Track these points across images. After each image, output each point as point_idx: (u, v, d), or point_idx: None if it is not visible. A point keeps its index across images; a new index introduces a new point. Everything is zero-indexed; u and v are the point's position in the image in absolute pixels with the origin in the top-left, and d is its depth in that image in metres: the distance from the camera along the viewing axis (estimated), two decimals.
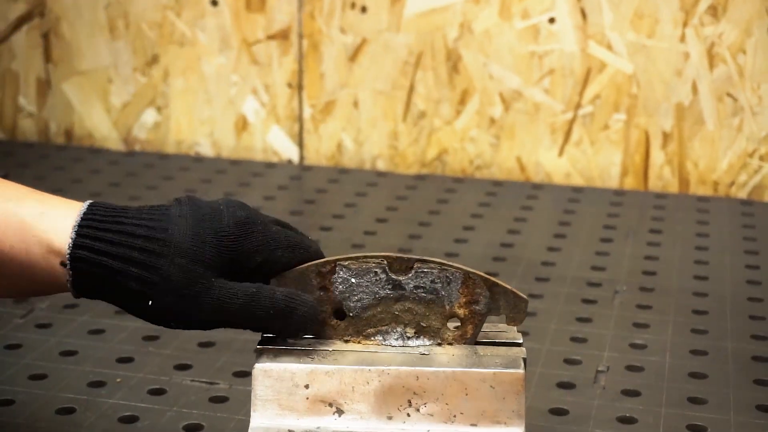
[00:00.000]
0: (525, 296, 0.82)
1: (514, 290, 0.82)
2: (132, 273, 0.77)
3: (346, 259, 0.81)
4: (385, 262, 0.81)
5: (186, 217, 0.79)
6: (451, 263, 0.81)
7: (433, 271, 0.81)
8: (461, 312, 0.81)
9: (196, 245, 0.77)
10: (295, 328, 0.80)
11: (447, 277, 0.81)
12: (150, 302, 0.77)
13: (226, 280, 0.78)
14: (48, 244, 0.77)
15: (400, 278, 0.81)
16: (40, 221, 0.78)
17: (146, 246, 0.77)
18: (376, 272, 0.81)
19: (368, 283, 0.81)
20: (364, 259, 0.81)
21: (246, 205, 0.82)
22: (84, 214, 0.78)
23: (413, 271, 0.81)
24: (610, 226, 1.38)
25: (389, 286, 0.81)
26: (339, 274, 0.81)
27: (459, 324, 0.82)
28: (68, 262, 0.77)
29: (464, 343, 0.81)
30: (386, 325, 0.81)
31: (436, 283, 0.81)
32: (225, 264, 0.78)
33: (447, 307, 0.81)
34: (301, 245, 0.81)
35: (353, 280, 0.81)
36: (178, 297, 0.77)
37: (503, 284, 0.81)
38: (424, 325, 0.81)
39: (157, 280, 0.77)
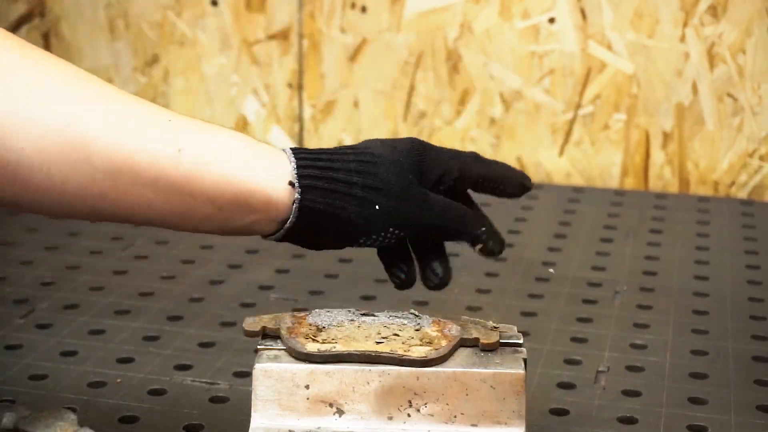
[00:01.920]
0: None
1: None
2: (356, 181, 0.80)
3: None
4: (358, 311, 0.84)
5: (386, 145, 0.83)
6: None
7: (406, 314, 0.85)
8: (433, 331, 0.82)
9: (400, 159, 0.82)
10: (492, 248, 0.85)
11: (417, 317, 0.84)
12: (377, 207, 0.80)
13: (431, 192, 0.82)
14: (271, 163, 0.79)
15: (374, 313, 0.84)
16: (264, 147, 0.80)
17: (360, 158, 0.81)
18: (349, 311, 0.85)
19: (342, 316, 0.84)
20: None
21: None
22: (292, 148, 0.81)
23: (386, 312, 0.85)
24: (611, 226, 1.38)
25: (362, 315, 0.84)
26: (312, 314, 0.83)
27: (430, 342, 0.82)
28: (297, 180, 0.78)
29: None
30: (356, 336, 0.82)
31: (408, 317, 0.84)
32: (419, 177, 0.82)
33: (419, 327, 0.82)
34: (463, 157, 0.86)
35: (326, 315, 0.84)
36: (402, 201, 0.80)
37: (475, 321, 0.84)
38: (396, 334, 0.82)
39: (380, 185, 0.80)
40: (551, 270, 0.84)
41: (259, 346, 0.81)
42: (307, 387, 0.79)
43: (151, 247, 1.29)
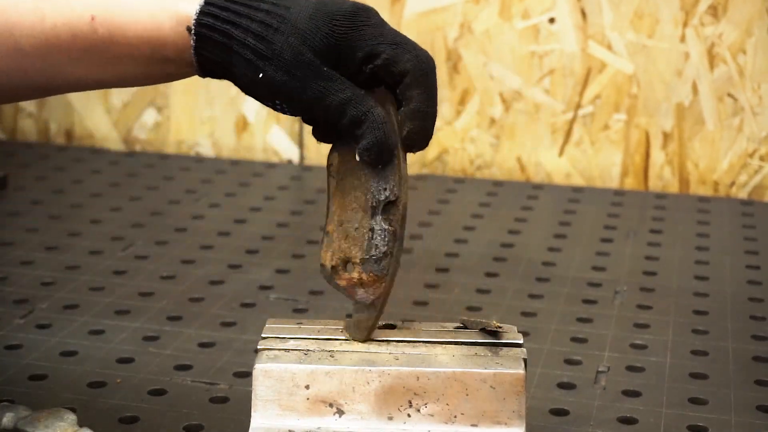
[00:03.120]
0: None
1: None
2: (249, 43, 0.79)
3: None
4: None
5: (299, 16, 0.80)
6: None
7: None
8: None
9: (311, 29, 0.80)
10: (364, 146, 0.80)
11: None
12: (260, 75, 0.80)
13: (333, 71, 0.80)
14: (176, 12, 0.80)
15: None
16: None
17: (266, 20, 0.79)
18: None
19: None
20: None
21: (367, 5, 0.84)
22: None
23: None
24: (611, 227, 1.38)
25: None
26: None
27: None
28: (194, 27, 0.80)
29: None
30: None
31: None
32: (332, 51, 0.80)
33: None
34: (412, 49, 0.82)
35: None
36: (287, 75, 0.79)
37: None
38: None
39: (270, 55, 0.79)
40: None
41: (259, 346, 0.81)
42: (307, 387, 0.79)
43: (151, 247, 1.29)
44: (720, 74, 1.47)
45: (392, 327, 0.84)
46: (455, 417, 0.79)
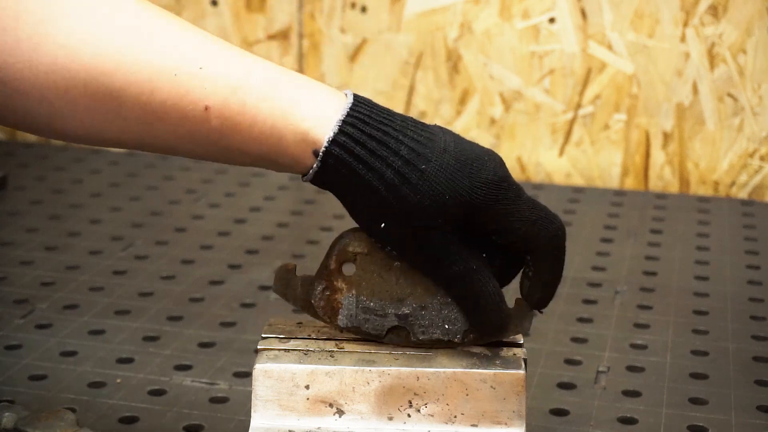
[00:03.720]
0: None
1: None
2: (380, 191, 0.74)
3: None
4: None
5: (450, 153, 0.76)
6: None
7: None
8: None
9: (449, 193, 0.75)
10: (476, 320, 0.79)
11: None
12: (383, 225, 0.75)
13: (457, 241, 0.76)
14: (305, 132, 0.75)
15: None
16: (298, 107, 0.75)
17: (404, 171, 0.74)
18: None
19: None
20: None
21: (504, 162, 0.79)
22: (350, 109, 0.76)
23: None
24: (611, 227, 1.38)
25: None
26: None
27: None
28: (321, 155, 0.74)
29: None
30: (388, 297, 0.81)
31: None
32: (463, 215, 0.76)
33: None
34: (546, 218, 0.79)
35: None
36: (406, 232, 0.75)
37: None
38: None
39: (399, 212, 0.75)
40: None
41: (259, 346, 0.81)
42: (307, 387, 0.79)
43: (151, 247, 1.29)
44: (720, 74, 1.47)
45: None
46: (455, 417, 0.79)
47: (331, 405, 0.79)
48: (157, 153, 0.79)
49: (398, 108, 1.56)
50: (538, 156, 1.54)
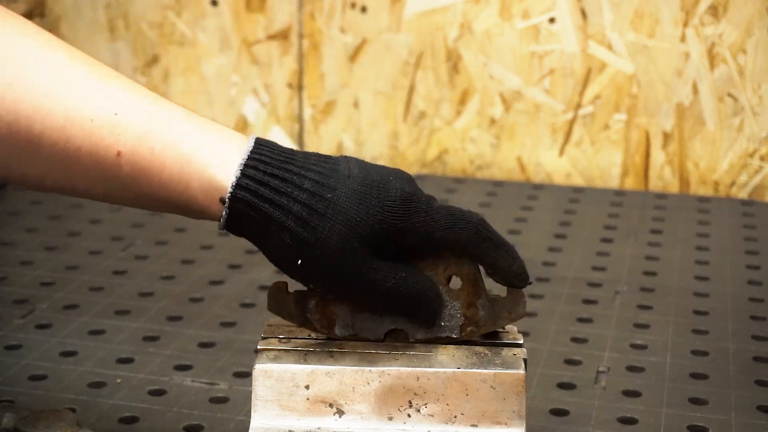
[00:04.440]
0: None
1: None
2: (290, 227, 0.75)
3: None
4: None
5: (354, 179, 0.76)
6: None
7: None
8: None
9: (360, 215, 0.75)
10: (423, 318, 0.79)
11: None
12: (299, 261, 0.75)
13: (378, 260, 0.76)
14: (210, 179, 0.75)
15: None
16: (202, 153, 0.76)
17: (310, 203, 0.75)
18: None
19: None
20: None
21: (413, 178, 0.79)
22: (251, 152, 0.75)
23: None
24: (611, 227, 1.38)
25: None
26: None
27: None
28: (227, 200, 0.75)
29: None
30: None
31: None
32: (383, 240, 0.76)
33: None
34: (462, 219, 0.78)
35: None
36: (328, 267, 0.75)
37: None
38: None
39: (313, 242, 0.75)
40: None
41: (259, 346, 0.81)
42: (307, 387, 0.79)
43: (151, 247, 1.29)
44: (720, 74, 1.47)
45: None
46: (455, 417, 0.79)
47: (331, 405, 0.79)
48: (77, 197, 0.81)
49: (399, 108, 1.57)
50: (538, 156, 1.54)
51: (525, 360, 0.81)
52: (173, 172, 0.76)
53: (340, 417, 0.79)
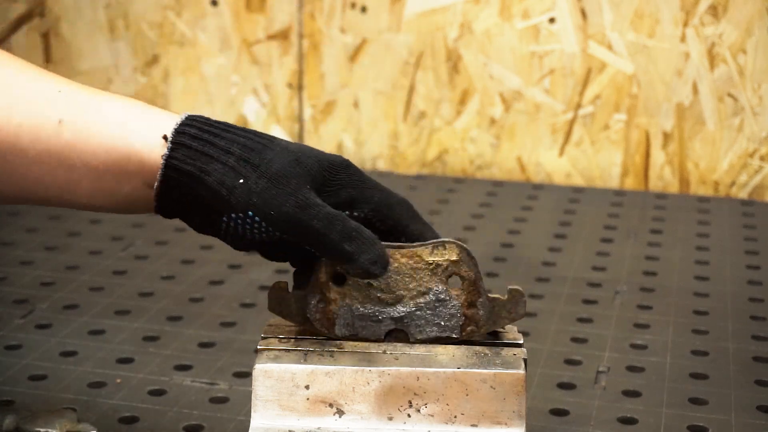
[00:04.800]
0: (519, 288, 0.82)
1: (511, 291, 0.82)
2: (234, 151, 0.77)
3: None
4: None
5: (290, 143, 0.79)
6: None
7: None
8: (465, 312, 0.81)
9: (300, 152, 0.78)
10: (365, 259, 0.78)
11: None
12: (241, 180, 0.76)
13: (316, 196, 0.77)
14: (153, 120, 0.78)
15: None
16: (144, 111, 0.79)
17: (253, 138, 0.77)
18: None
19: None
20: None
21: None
22: (187, 116, 0.78)
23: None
24: (611, 227, 1.38)
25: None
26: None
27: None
28: (172, 135, 0.77)
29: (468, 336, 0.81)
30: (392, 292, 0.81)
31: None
32: (323, 181, 0.78)
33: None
34: (391, 194, 0.81)
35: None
36: (273, 183, 0.76)
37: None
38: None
39: (257, 162, 0.76)
40: None
41: (259, 346, 0.81)
42: (307, 387, 0.79)
43: (151, 247, 1.29)
44: (720, 74, 1.47)
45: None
46: (455, 417, 0.79)
47: (331, 405, 0.79)
48: (6, 199, 0.81)
49: (399, 108, 1.57)
50: (538, 156, 1.54)
51: (525, 360, 0.81)
52: (115, 127, 0.78)
53: (340, 417, 0.79)
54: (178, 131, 0.77)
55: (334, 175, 0.79)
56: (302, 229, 0.77)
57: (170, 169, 0.77)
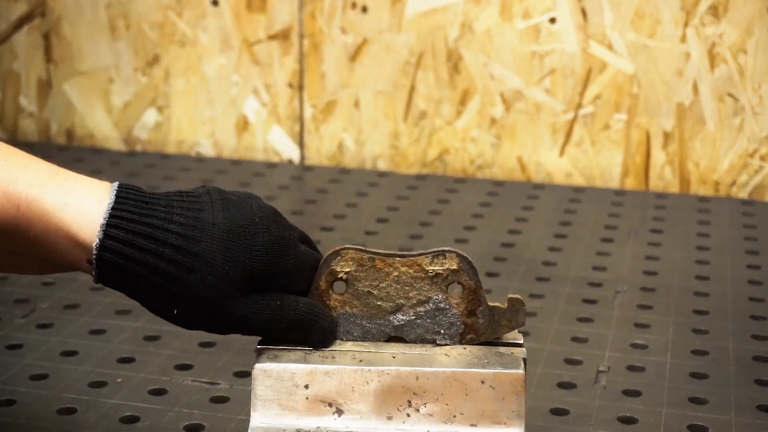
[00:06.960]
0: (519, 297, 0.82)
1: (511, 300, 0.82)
2: (159, 283, 0.75)
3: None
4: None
5: (219, 227, 0.77)
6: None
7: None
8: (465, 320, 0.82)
9: (228, 264, 0.76)
10: (315, 340, 0.80)
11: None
12: (175, 311, 0.77)
13: (253, 295, 0.78)
14: (74, 239, 0.75)
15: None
16: (65, 213, 0.75)
17: (176, 258, 0.75)
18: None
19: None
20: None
21: (278, 216, 0.80)
22: (112, 209, 0.76)
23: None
24: (611, 226, 1.38)
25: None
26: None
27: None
28: (94, 263, 0.75)
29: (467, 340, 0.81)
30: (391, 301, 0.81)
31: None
32: (253, 282, 0.78)
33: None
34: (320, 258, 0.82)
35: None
36: (204, 313, 0.77)
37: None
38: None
39: (184, 295, 0.76)
40: None
41: (259, 346, 0.81)
42: (306, 387, 0.79)
43: None
44: (720, 74, 1.47)
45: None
46: (454, 417, 0.79)
47: (330, 405, 0.79)
48: None
49: (399, 108, 1.57)
50: (539, 156, 1.54)
51: (524, 360, 0.81)
52: (39, 231, 0.76)
53: (339, 416, 0.79)
54: (101, 258, 0.75)
55: (269, 264, 0.78)
56: (246, 333, 0.79)
57: (108, 284, 0.77)
